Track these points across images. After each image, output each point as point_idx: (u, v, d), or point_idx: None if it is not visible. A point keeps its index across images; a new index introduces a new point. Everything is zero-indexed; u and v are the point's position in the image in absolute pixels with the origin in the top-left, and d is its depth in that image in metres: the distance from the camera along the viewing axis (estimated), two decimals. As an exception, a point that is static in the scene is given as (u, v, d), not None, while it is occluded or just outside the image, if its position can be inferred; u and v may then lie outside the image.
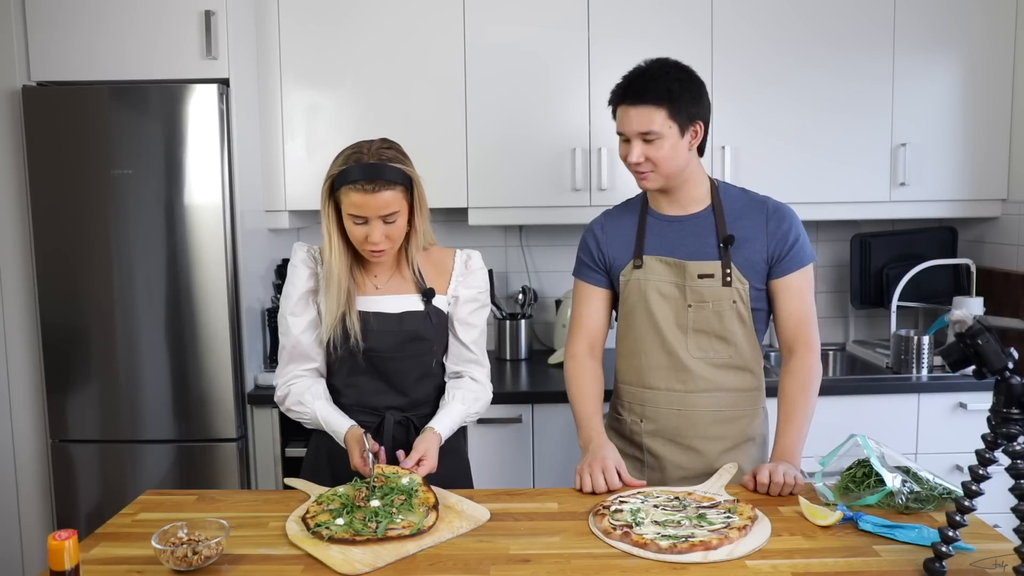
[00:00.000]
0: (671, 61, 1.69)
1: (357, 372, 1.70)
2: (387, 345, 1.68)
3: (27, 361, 2.47)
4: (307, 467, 1.79)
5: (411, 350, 1.70)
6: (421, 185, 1.65)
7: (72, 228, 2.37)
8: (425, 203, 1.67)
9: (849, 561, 1.25)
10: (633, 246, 1.78)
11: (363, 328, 1.65)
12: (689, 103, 1.65)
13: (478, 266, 1.78)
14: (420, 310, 1.70)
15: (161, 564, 1.26)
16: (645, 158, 1.67)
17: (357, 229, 1.61)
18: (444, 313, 1.74)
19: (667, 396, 1.75)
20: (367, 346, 1.66)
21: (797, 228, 1.72)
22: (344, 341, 1.65)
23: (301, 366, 1.72)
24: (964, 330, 1.16)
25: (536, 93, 2.64)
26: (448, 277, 1.75)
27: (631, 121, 1.66)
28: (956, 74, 2.67)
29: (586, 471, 1.59)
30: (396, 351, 1.69)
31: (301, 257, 1.73)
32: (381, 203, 1.57)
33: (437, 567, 1.26)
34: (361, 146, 1.61)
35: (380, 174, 1.56)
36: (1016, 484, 1.12)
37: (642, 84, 1.65)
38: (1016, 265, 2.73)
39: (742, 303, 1.71)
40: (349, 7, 2.61)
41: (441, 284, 1.74)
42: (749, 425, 1.77)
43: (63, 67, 2.39)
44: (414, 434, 1.69)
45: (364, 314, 1.67)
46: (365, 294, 1.70)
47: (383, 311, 1.68)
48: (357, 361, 1.68)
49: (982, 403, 2.40)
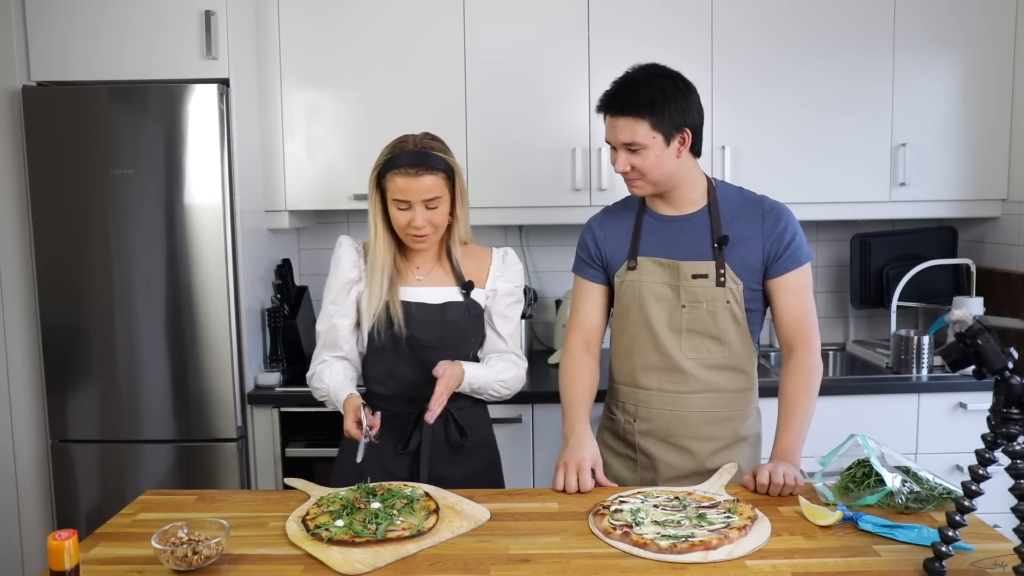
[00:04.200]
0: (657, 69, 1.67)
1: (398, 362, 1.76)
2: (428, 334, 1.74)
3: (27, 361, 2.48)
4: (338, 466, 1.84)
5: (451, 340, 1.76)
6: (462, 177, 1.75)
7: (72, 228, 2.37)
8: (466, 195, 1.77)
9: (849, 561, 1.25)
10: (629, 246, 1.78)
11: (406, 316, 1.72)
12: (674, 112, 1.63)
13: (514, 261, 1.85)
14: (460, 301, 1.77)
15: (161, 564, 1.26)
16: (631, 167, 1.67)
17: (401, 215, 1.69)
18: (481, 307, 1.80)
19: (660, 396, 1.75)
20: (409, 333, 1.72)
21: (793, 227, 1.72)
22: (388, 327, 1.72)
23: (332, 352, 1.80)
24: (964, 330, 1.16)
25: (536, 93, 2.64)
26: (486, 272, 1.82)
27: (615, 132, 1.66)
28: (956, 74, 2.67)
29: (560, 470, 1.61)
30: (437, 341, 1.75)
31: (345, 249, 1.81)
32: (424, 187, 1.66)
33: (437, 567, 1.26)
34: (407, 137, 1.73)
35: (424, 160, 1.66)
36: (1016, 484, 1.12)
37: (624, 94, 1.64)
38: (1016, 265, 2.73)
39: (736, 303, 1.71)
40: (349, 7, 2.61)
41: (480, 278, 1.81)
42: (741, 425, 1.77)
43: (63, 67, 2.39)
44: (454, 428, 1.77)
45: (407, 304, 1.74)
46: (408, 284, 1.77)
47: (425, 301, 1.76)
48: (399, 350, 1.74)
49: (982, 403, 2.40)
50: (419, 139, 1.71)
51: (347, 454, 1.77)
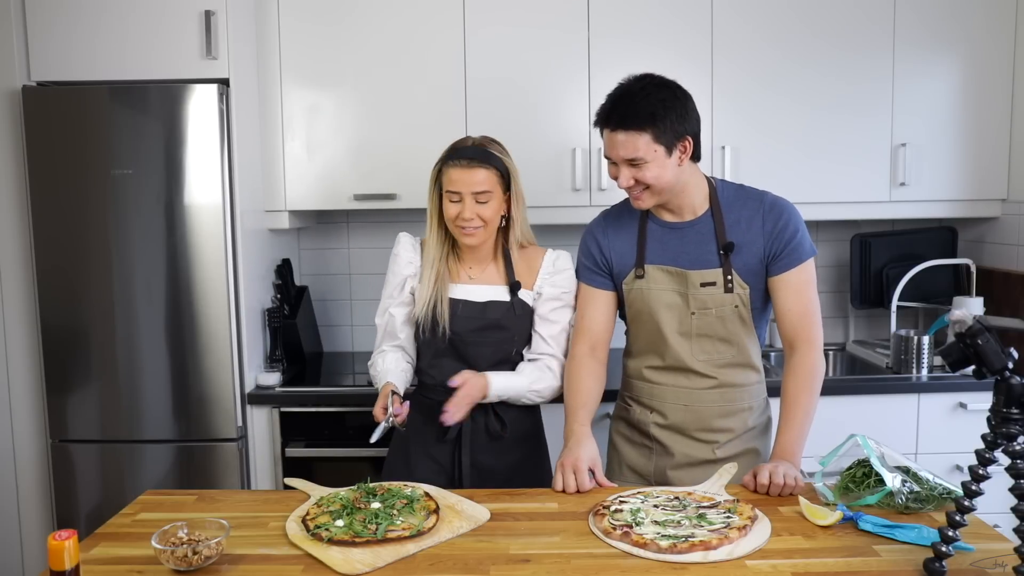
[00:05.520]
0: (653, 79, 1.66)
1: (440, 354, 1.83)
2: (469, 330, 1.81)
3: (27, 361, 2.47)
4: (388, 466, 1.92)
5: (491, 337, 1.82)
6: (519, 179, 1.81)
7: (72, 228, 2.37)
8: (523, 198, 1.83)
9: (849, 561, 1.25)
10: (635, 253, 1.78)
11: (451, 314, 1.79)
12: (674, 122, 1.62)
13: (565, 266, 1.87)
14: (505, 300, 1.82)
15: (161, 564, 1.26)
16: (635, 181, 1.66)
17: (452, 207, 1.75)
18: (529, 307, 1.83)
19: (674, 392, 1.78)
20: (452, 329, 1.80)
21: (795, 223, 1.71)
22: (432, 322, 1.80)
23: (390, 342, 1.90)
24: (964, 330, 1.16)
25: (536, 93, 2.64)
26: (536, 274, 1.85)
27: (615, 147, 1.65)
28: (956, 74, 2.67)
29: (559, 471, 1.61)
30: (477, 337, 1.81)
31: (403, 245, 1.89)
32: (476, 180, 1.73)
33: (437, 567, 1.26)
34: (468, 136, 1.84)
35: (478, 155, 1.75)
36: (1016, 484, 1.12)
37: (623, 109, 1.62)
38: (1016, 265, 2.73)
39: (743, 306, 1.72)
40: (350, 7, 2.61)
41: (529, 280, 1.85)
42: (751, 416, 1.80)
43: (63, 67, 2.39)
44: (493, 418, 1.83)
45: (454, 301, 1.81)
46: (459, 282, 1.84)
47: (470, 299, 1.82)
48: (442, 344, 1.81)
49: (982, 403, 2.40)
50: (479, 139, 1.80)
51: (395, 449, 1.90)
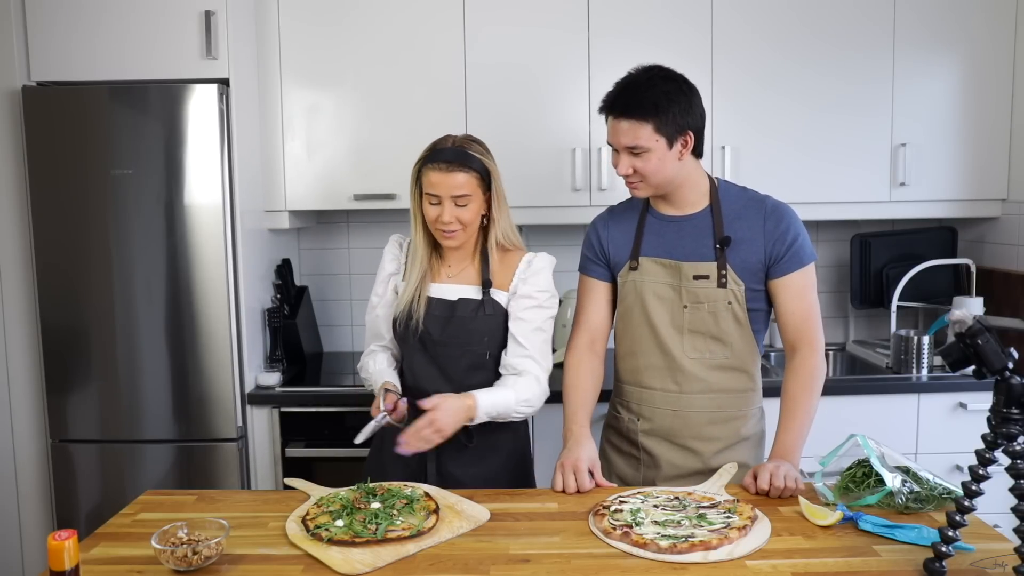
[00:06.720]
0: (661, 71, 1.66)
1: (413, 355, 1.81)
2: (437, 328, 1.77)
3: (27, 361, 2.47)
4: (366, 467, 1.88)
5: (460, 336, 1.78)
6: (500, 180, 1.78)
7: (72, 228, 2.37)
8: (504, 199, 1.80)
9: (849, 561, 1.25)
10: (631, 246, 1.78)
11: (425, 312, 1.77)
12: (678, 114, 1.63)
13: (540, 267, 1.83)
14: (475, 299, 1.78)
15: (161, 564, 1.26)
16: (633, 170, 1.67)
17: (431, 209, 1.73)
18: (501, 307, 1.80)
19: (663, 396, 1.76)
20: (423, 328, 1.77)
21: (796, 227, 1.71)
22: (407, 321, 1.78)
23: (377, 342, 1.90)
24: (964, 330, 1.16)
25: (536, 93, 2.64)
26: (512, 274, 1.82)
27: (617, 134, 1.66)
28: (956, 74, 2.67)
29: (559, 471, 1.61)
30: (445, 335, 1.77)
31: (390, 244, 1.89)
32: (455, 184, 1.69)
33: (437, 567, 1.26)
34: (448, 136, 1.77)
35: (459, 157, 1.70)
36: (1016, 484, 1.12)
37: (628, 97, 1.63)
38: (1016, 265, 2.73)
39: (737, 304, 1.71)
40: (349, 7, 2.61)
41: (504, 280, 1.81)
42: (743, 426, 1.77)
43: (63, 67, 2.39)
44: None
45: (430, 299, 1.79)
46: (438, 281, 1.82)
47: (443, 297, 1.80)
48: (414, 343, 1.79)
49: (982, 403, 2.40)
50: (459, 139, 1.76)
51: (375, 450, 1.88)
